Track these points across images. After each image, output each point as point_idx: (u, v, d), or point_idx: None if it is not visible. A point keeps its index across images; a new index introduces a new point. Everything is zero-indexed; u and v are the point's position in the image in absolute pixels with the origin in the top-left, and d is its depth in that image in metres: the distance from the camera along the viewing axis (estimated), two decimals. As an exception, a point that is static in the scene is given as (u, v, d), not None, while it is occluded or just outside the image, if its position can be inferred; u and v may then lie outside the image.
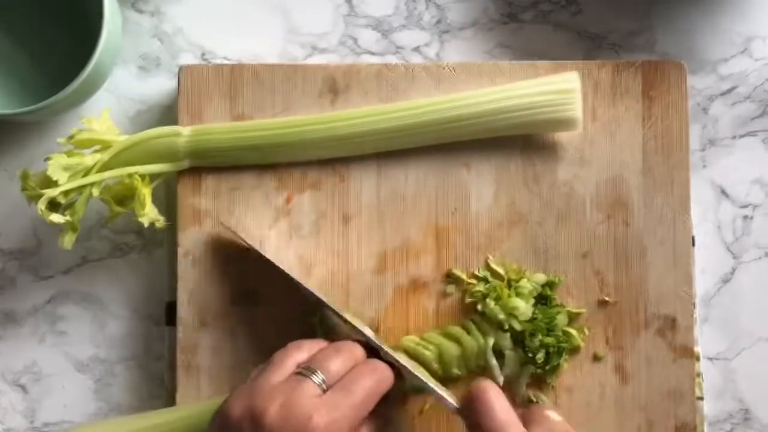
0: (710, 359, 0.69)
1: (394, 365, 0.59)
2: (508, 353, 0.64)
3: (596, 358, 0.65)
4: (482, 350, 0.64)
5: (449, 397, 0.59)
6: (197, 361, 0.65)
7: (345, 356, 0.57)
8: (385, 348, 0.60)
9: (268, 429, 0.52)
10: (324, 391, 0.55)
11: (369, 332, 0.61)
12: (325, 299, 0.62)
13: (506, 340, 0.63)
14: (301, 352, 0.58)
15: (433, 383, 0.60)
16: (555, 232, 0.66)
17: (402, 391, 0.64)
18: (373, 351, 0.60)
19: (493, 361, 0.63)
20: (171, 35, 0.71)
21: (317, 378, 0.55)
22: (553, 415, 0.58)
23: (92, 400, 0.69)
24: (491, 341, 0.63)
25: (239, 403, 0.55)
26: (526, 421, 0.56)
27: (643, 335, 0.65)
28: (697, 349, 0.66)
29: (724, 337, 0.69)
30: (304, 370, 0.56)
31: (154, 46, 0.71)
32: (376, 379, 0.57)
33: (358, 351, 0.59)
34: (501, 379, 0.64)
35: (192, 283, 0.66)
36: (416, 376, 0.59)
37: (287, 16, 0.71)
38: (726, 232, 0.70)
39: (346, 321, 0.62)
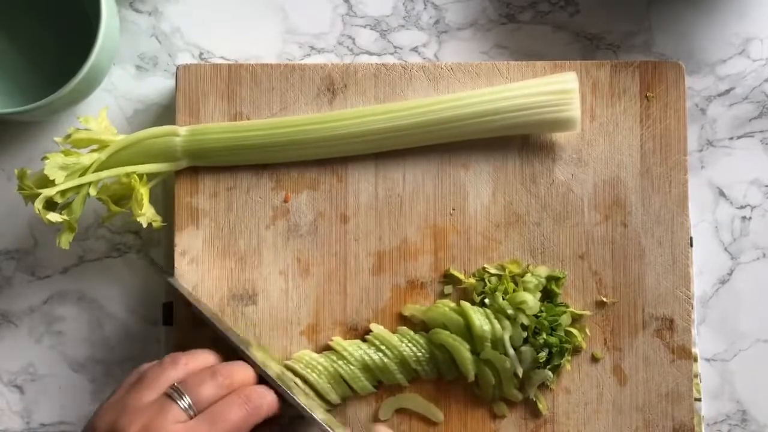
0: (708, 360, 0.69)
1: (279, 392, 0.58)
2: (525, 349, 0.63)
3: (594, 359, 0.65)
4: (497, 337, 0.63)
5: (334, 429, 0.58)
6: (194, 362, 0.65)
7: (220, 381, 0.56)
8: (271, 375, 0.58)
9: None
10: (191, 417, 0.54)
11: (254, 354, 0.59)
12: (212, 320, 0.61)
13: (519, 334, 0.63)
14: (176, 369, 0.57)
15: (321, 415, 0.59)
16: (552, 232, 0.66)
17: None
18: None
19: (512, 351, 0.62)
20: (169, 35, 0.71)
21: (184, 403, 0.54)
22: None
23: (89, 400, 0.69)
24: (508, 333, 0.63)
25: (105, 418, 0.55)
26: None
27: (641, 336, 0.65)
28: (695, 350, 0.66)
29: (722, 338, 0.69)
30: (174, 393, 0.55)
31: (152, 45, 0.71)
32: (247, 410, 0.56)
33: (239, 375, 0.57)
34: (521, 371, 0.63)
35: (189, 284, 0.65)
36: (302, 405, 0.58)
37: (285, 15, 0.71)
38: (724, 233, 0.70)
39: (231, 341, 0.60)
